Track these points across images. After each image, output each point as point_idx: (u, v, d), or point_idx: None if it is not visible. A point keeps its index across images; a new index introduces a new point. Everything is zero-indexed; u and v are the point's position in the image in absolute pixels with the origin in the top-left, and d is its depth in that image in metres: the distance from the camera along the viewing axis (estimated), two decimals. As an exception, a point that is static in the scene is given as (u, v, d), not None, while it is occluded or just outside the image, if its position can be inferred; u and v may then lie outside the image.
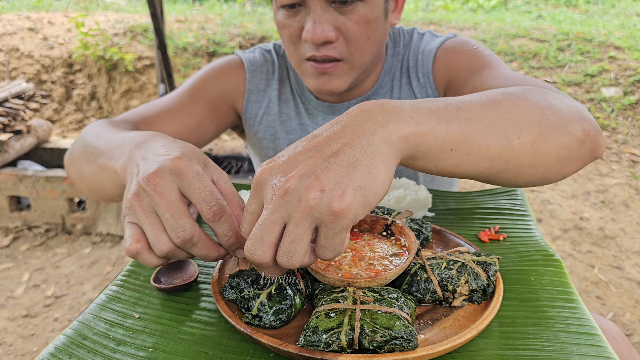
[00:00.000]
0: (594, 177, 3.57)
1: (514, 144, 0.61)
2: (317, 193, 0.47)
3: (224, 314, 0.58)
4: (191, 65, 4.88)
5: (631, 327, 2.22)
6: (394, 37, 1.13)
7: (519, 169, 0.64)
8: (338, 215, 0.47)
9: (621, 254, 2.78)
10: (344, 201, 0.47)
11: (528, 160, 0.64)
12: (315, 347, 0.52)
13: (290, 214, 0.48)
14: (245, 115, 1.16)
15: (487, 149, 0.59)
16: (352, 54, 0.94)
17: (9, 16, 5.30)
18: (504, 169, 0.63)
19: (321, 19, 0.89)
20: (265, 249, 0.50)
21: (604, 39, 4.92)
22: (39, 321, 2.38)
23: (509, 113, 0.62)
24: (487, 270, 0.63)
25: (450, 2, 7.45)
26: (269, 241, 0.50)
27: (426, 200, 0.90)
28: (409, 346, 0.51)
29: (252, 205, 0.52)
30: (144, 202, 0.57)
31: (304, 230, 0.49)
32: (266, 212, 0.49)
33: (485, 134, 0.59)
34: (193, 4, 7.35)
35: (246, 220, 0.53)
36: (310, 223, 0.48)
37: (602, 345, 0.55)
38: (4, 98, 3.28)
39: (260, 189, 0.51)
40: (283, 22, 0.95)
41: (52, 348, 0.56)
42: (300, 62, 0.98)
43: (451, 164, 0.59)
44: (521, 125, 0.62)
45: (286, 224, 0.49)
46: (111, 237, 3.14)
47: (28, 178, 3.11)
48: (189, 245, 0.57)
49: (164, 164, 0.58)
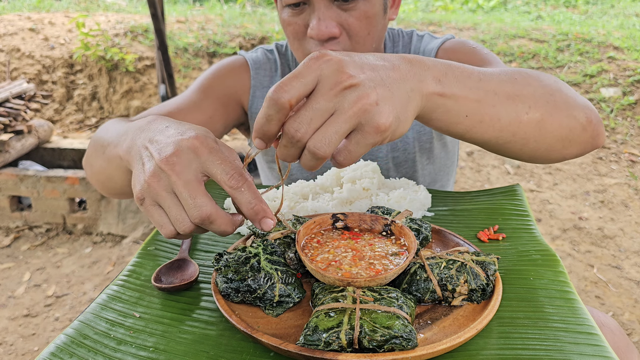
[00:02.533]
0: (593, 177, 3.57)
1: (523, 118, 0.67)
2: (372, 102, 0.52)
3: (225, 313, 0.59)
4: (192, 66, 4.89)
5: (630, 327, 2.22)
6: (394, 37, 1.17)
7: (524, 142, 0.70)
8: (378, 130, 0.53)
9: (620, 253, 2.78)
10: (388, 120, 0.53)
11: (533, 135, 0.69)
12: (315, 346, 0.52)
13: (344, 108, 0.52)
14: (251, 111, 1.19)
15: (497, 119, 0.65)
16: (354, 49, 0.98)
17: (9, 16, 5.30)
18: (510, 140, 0.69)
19: (325, 16, 0.93)
20: (308, 130, 0.52)
21: (603, 40, 4.92)
22: (39, 321, 2.39)
23: (522, 90, 0.67)
24: (486, 270, 0.63)
25: (450, 2, 7.45)
26: (315, 125, 0.52)
27: (426, 200, 0.90)
28: (409, 345, 0.52)
29: (307, 77, 0.53)
30: (162, 182, 0.58)
31: (348, 128, 0.52)
32: (323, 98, 0.52)
33: (498, 106, 0.64)
34: (193, 5, 7.36)
35: (294, 87, 0.52)
36: (354, 125, 0.52)
37: (602, 344, 0.55)
38: (5, 98, 3.28)
39: (318, 66, 0.53)
40: (288, 20, 0.98)
41: (53, 347, 0.57)
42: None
43: (463, 128, 0.65)
44: (531, 103, 0.68)
45: (333, 114, 0.52)
46: (112, 236, 3.14)
47: (29, 178, 3.11)
48: (207, 222, 0.58)
49: (181, 144, 0.59)
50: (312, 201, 0.90)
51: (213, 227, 0.59)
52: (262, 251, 0.67)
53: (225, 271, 0.63)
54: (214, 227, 0.59)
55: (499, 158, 3.81)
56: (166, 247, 0.79)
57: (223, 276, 0.63)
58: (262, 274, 0.63)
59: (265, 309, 0.61)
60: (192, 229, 0.59)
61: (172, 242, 0.81)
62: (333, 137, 0.52)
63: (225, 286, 0.62)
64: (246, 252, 0.67)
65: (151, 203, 0.60)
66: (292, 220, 0.78)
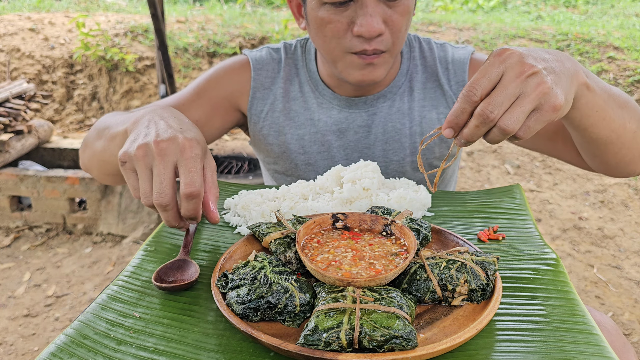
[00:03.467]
0: (593, 177, 3.57)
1: (627, 125, 0.83)
2: (549, 86, 0.62)
3: (225, 313, 0.59)
4: (192, 66, 4.89)
5: (630, 327, 2.22)
6: (410, 42, 1.17)
7: (621, 145, 0.85)
8: (555, 109, 0.62)
9: (620, 253, 2.78)
10: (561, 101, 0.63)
11: (628, 142, 0.85)
12: (315, 346, 0.52)
13: (527, 91, 0.62)
14: (250, 112, 1.18)
15: (612, 120, 0.80)
16: (394, 44, 1.00)
17: (9, 16, 5.30)
18: (614, 142, 0.84)
19: (374, 12, 0.93)
20: (500, 111, 0.61)
21: (603, 40, 4.92)
22: (39, 321, 2.39)
23: (626, 105, 0.83)
24: (486, 270, 0.64)
25: (450, 2, 7.44)
26: (504, 107, 0.61)
27: (426, 200, 0.90)
28: (409, 345, 0.52)
29: (492, 73, 0.63)
30: (147, 158, 0.70)
31: (531, 107, 0.62)
32: (511, 84, 0.61)
33: (616, 110, 0.80)
34: (193, 5, 7.36)
35: (483, 84, 0.62)
36: (536, 105, 0.62)
37: (601, 344, 0.55)
38: (5, 98, 3.28)
39: (502, 62, 0.63)
40: (329, 18, 0.96)
41: (53, 347, 0.57)
42: (344, 56, 1.00)
43: (591, 121, 0.78)
44: (631, 115, 0.84)
45: (519, 97, 0.62)
46: (112, 236, 3.14)
47: (29, 178, 3.11)
48: (162, 209, 0.70)
49: (177, 138, 0.71)
50: (312, 201, 0.90)
51: (164, 214, 0.71)
52: (268, 264, 0.65)
53: (238, 292, 0.61)
54: (164, 215, 0.71)
55: (499, 158, 3.81)
56: (166, 248, 0.79)
57: (237, 297, 0.60)
58: (276, 287, 0.60)
59: (285, 321, 0.59)
60: (151, 205, 0.71)
61: (173, 242, 0.81)
62: (520, 116, 0.61)
63: (243, 307, 0.59)
64: (250, 266, 0.64)
65: (130, 168, 0.73)
66: (292, 220, 0.78)
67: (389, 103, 1.13)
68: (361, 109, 1.13)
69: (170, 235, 0.83)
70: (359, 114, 1.13)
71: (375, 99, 1.13)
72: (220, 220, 0.89)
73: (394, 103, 1.13)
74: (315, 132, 1.14)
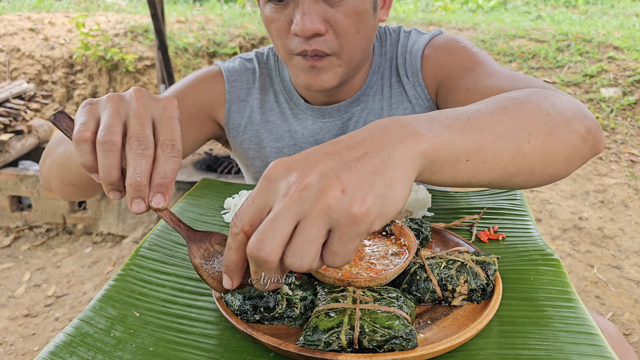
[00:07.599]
0: (593, 177, 3.58)
1: (525, 148, 0.62)
2: (337, 192, 0.45)
3: (224, 313, 0.59)
4: (192, 66, 4.89)
5: (630, 327, 2.22)
6: (380, 36, 1.11)
7: (530, 171, 0.65)
8: (357, 220, 0.45)
9: (620, 253, 2.78)
10: (364, 205, 0.45)
11: (538, 162, 0.64)
12: (315, 346, 0.52)
13: (306, 211, 0.45)
14: (228, 127, 1.13)
15: (500, 155, 0.60)
16: (342, 47, 0.92)
17: (9, 17, 5.31)
18: (516, 173, 0.63)
19: (310, 10, 0.87)
20: (275, 246, 0.45)
21: (603, 40, 4.92)
22: (39, 321, 2.39)
23: (517, 118, 0.62)
24: (486, 270, 0.64)
25: (450, 2, 7.45)
26: (280, 238, 0.45)
27: (426, 200, 0.90)
28: (409, 345, 0.52)
29: (258, 199, 0.48)
30: (122, 103, 0.60)
31: (318, 231, 0.46)
32: (280, 206, 0.46)
33: (497, 141, 0.59)
34: (193, 5, 7.36)
35: (246, 213, 0.48)
36: (326, 224, 0.46)
37: (601, 344, 0.55)
38: (5, 98, 3.28)
39: (271, 184, 0.48)
40: (271, 17, 0.92)
41: (53, 346, 0.57)
42: (289, 57, 0.95)
43: (467, 174, 0.59)
44: (530, 129, 0.62)
45: (299, 223, 0.46)
46: (112, 236, 3.14)
47: (29, 178, 3.11)
48: (107, 147, 0.57)
49: (158, 95, 0.63)
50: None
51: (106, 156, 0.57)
52: None
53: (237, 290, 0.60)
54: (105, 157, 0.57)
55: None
56: (166, 244, 0.79)
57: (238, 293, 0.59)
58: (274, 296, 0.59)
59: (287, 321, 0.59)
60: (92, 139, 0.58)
61: (172, 239, 0.81)
62: (305, 247, 0.45)
63: (240, 304, 0.58)
64: None
65: (90, 110, 0.60)
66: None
67: (362, 106, 1.07)
68: (335, 117, 1.08)
69: (169, 233, 0.83)
70: (333, 122, 1.08)
71: (349, 104, 1.07)
72: (221, 220, 0.89)
73: (367, 105, 1.07)
74: (293, 145, 1.10)
